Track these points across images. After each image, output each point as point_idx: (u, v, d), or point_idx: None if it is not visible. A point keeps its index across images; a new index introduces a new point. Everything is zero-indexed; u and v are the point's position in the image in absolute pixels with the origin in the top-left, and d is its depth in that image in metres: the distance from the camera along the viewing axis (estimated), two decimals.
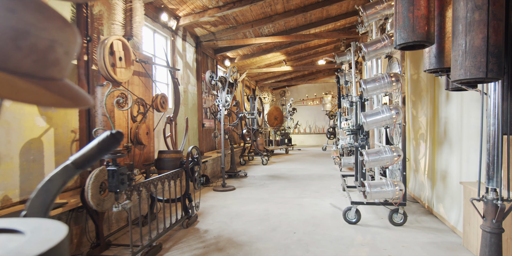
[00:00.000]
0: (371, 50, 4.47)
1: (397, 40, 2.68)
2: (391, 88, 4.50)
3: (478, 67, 2.31)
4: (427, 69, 3.02)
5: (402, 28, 2.60)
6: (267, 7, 8.13)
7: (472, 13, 2.31)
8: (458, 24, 2.38)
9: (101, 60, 3.99)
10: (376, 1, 4.57)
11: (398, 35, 2.65)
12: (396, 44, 2.70)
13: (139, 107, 4.94)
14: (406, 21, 2.58)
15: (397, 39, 2.66)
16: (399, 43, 2.65)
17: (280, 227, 5.05)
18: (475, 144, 4.12)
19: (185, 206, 5.22)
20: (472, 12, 2.30)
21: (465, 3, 2.33)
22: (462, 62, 2.33)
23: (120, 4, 4.48)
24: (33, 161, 3.80)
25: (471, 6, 2.29)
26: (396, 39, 2.69)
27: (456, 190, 4.65)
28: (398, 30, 2.63)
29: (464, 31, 2.33)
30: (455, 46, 2.41)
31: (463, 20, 2.34)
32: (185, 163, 5.15)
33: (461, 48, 2.34)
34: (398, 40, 2.65)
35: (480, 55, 2.30)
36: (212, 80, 7.95)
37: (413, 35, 2.57)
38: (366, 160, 4.57)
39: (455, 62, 2.41)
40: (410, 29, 2.57)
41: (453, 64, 2.44)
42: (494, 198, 2.57)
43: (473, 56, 2.31)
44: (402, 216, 4.88)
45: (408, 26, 2.58)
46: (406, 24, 2.58)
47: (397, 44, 2.66)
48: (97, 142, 0.99)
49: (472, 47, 2.31)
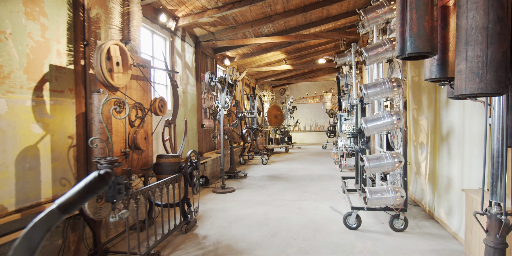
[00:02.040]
0: (372, 55, 4.40)
1: (407, 48, 2.57)
2: (392, 93, 4.44)
3: (499, 82, 2.25)
4: (428, 78, 2.95)
5: (417, 36, 2.51)
6: (267, 7, 8.04)
7: (494, 24, 2.23)
8: (477, 34, 2.28)
9: (98, 65, 3.93)
10: (377, 5, 4.49)
11: (411, 43, 2.54)
12: (405, 53, 2.59)
13: (137, 112, 4.88)
14: (422, 30, 2.50)
15: (409, 47, 2.55)
16: (412, 52, 2.55)
17: (280, 232, 5.00)
18: (477, 151, 4.06)
19: (184, 211, 5.17)
20: (494, 24, 2.23)
21: (486, 12, 2.24)
22: (483, 75, 2.26)
23: (117, 8, 4.41)
24: (29, 168, 3.74)
25: (493, 17, 2.22)
26: (406, 47, 2.58)
27: (457, 196, 4.60)
28: (411, 37, 2.53)
29: (485, 42, 2.25)
30: (471, 58, 2.31)
31: (484, 31, 2.25)
32: (184, 167, 5.10)
33: (480, 60, 2.26)
34: (411, 49, 2.54)
35: (501, 69, 2.24)
36: (211, 81, 7.88)
37: (427, 45, 2.51)
38: (366, 166, 4.51)
39: (471, 74, 2.31)
40: (425, 38, 2.50)
41: (468, 76, 2.33)
42: (498, 212, 2.52)
43: (495, 70, 2.24)
44: (403, 221, 4.84)
45: (423, 35, 2.50)
46: (422, 33, 2.50)
47: (409, 52, 2.56)
48: (84, 184, 0.93)
49: (494, 60, 2.24)
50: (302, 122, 22.39)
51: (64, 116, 4.26)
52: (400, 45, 2.62)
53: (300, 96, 22.34)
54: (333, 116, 18.56)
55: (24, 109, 3.67)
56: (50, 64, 4.04)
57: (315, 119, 22.47)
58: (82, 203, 0.95)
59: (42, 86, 3.92)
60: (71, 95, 4.37)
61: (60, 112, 4.19)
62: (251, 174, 10.39)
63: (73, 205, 0.94)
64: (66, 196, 0.94)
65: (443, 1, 2.80)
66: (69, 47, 4.37)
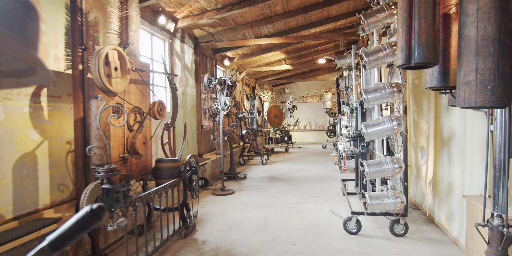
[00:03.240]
0: (373, 60, 4.36)
1: (415, 57, 2.51)
2: (393, 98, 4.40)
3: (508, 95, 2.21)
4: (429, 86, 2.92)
5: (426, 46, 2.46)
6: (267, 8, 8.00)
7: (504, 36, 2.20)
8: (489, 45, 2.23)
9: (96, 71, 3.89)
10: (377, 9, 4.44)
11: (420, 53, 2.49)
12: (412, 62, 2.53)
13: (135, 116, 4.85)
14: (430, 40, 2.46)
15: (417, 57, 2.49)
16: (420, 62, 2.51)
17: (280, 237, 4.98)
18: (479, 158, 4.03)
19: (183, 215, 5.14)
20: (505, 36, 2.20)
21: (498, 24, 2.20)
22: (494, 88, 2.22)
23: (116, 12, 4.37)
24: (27, 175, 3.72)
25: (504, 29, 2.19)
26: (413, 56, 2.51)
27: (458, 202, 4.57)
28: (420, 47, 2.48)
29: (497, 54, 2.21)
30: (482, 69, 2.26)
31: (496, 43, 2.20)
32: (183, 172, 5.07)
33: (491, 72, 2.22)
34: (419, 58, 2.49)
35: (509, 82, 2.21)
36: (210, 83, 7.84)
37: (436, 55, 2.47)
38: (367, 171, 4.48)
39: (482, 87, 2.25)
40: (433, 48, 2.46)
41: (479, 88, 2.26)
42: (499, 224, 2.49)
43: (504, 83, 2.21)
44: (404, 227, 4.82)
45: (431, 45, 2.46)
46: (430, 42, 2.46)
47: (417, 62, 2.51)
48: (75, 219, 0.90)
49: (504, 73, 2.20)
50: (302, 121, 22.35)
51: (62, 121, 4.23)
52: (406, 54, 2.55)
53: (300, 95, 22.29)
54: (333, 115, 18.53)
55: (21, 116, 3.64)
56: (48, 69, 4.00)
57: (315, 118, 22.44)
58: (74, 239, 0.92)
59: (40, 92, 3.89)
60: (69, 100, 4.34)
61: (58, 118, 4.16)
62: (250, 175, 10.36)
63: (64, 242, 0.91)
64: (57, 233, 0.91)
65: (445, 9, 2.76)
66: (67, 52, 4.33)
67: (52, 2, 4.09)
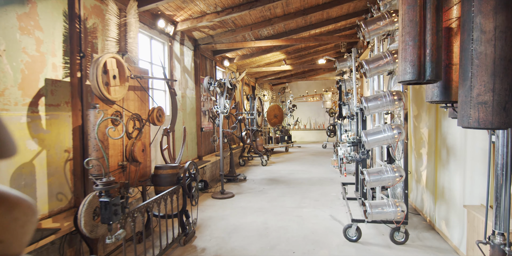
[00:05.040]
0: (373, 67, 4.32)
1: (427, 74, 2.47)
2: (393, 106, 4.37)
3: None
4: (430, 100, 2.88)
5: (437, 63, 2.43)
6: (266, 11, 7.94)
7: None
8: (507, 66, 2.17)
9: (94, 80, 3.86)
10: (378, 17, 4.40)
11: (432, 70, 2.45)
12: (423, 78, 2.49)
13: (134, 123, 4.81)
14: (440, 57, 2.42)
15: (429, 74, 2.46)
16: (431, 79, 2.47)
17: (279, 244, 4.96)
18: (480, 167, 4.00)
19: (183, 222, 5.12)
20: None
21: (509, 42, 2.16)
22: (509, 109, 2.18)
23: (114, 19, 4.33)
24: (25, 186, 3.69)
25: None
26: (425, 73, 2.48)
27: (459, 210, 4.55)
28: (432, 63, 2.44)
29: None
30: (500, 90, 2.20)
31: (510, 64, 2.17)
32: (182, 179, 5.04)
33: (507, 93, 2.17)
34: (432, 76, 2.44)
35: None
36: (210, 86, 7.80)
37: (441, 72, 2.44)
38: (367, 180, 4.46)
39: (498, 108, 2.20)
40: (440, 64, 2.43)
41: (495, 109, 2.21)
42: (501, 243, 2.47)
43: None
44: (404, 234, 4.79)
45: (440, 62, 2.43)
46: (440, 59, 2.43)
47: (428, 79, 2.48)
48: None
49: None
50: (302, 120, 22.32)
51: (60, 129, 4.20)
52: (417, 69, 2.50)
53: (300, 94, 22.24)
54: (333, 115, 18.48)
55: (19, 126, 3.61)
56: (45, 78, 3.97)
57: (315, 117, 22.40)
58: None
59: (38, 101, 3.85)
60: (67, 108, 4.31)
61: (56, 126, 4.12)
62: (250, 177, 10.33)
63: None
64: None
65: (446, 23, 2.72)
66: (65, 60, 4.30)
67: (49, 10, 4.05)
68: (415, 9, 2.49)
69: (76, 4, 4.37)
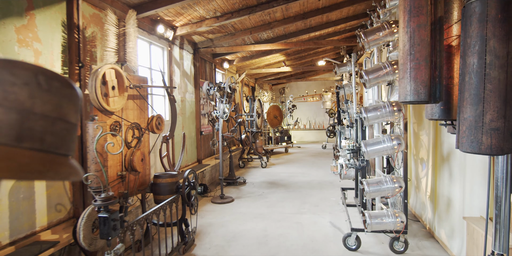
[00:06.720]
0: (372, 78, 4.30)
1: (437, 96, 2.45)
2: (393, 117, 4.36)
3: None
4: (430, 118, 2.87)
5: (443, 84, 2.41)
6: (266, 15, 7.92)
7: None
8: None
9: (93, 92, 3.84)
10: (377, 27, 4.37)
11: (441, 90, 2.43)
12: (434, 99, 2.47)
13: (133, 132, 4.80)
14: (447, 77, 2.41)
15: (439, 95, 2.43)
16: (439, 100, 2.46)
17: (279, 253, 4.95)
18: (480, 179, 3.99)
19: (182, 231, 5.11)
20: None
21: None
22: None
23: (113, 29, 4.31)
24: (23, 199, 3.68)
25: None
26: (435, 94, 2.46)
27: (458, 220, 4.54)
28: (441, 85, 2.42)
29: None
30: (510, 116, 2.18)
31: None
32: (182, 188, 5.03)
33: None
34: (440, 97, 2.44)
35: None
36: (210, 91, 7.78)
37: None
38: (366, 190, 4.45)
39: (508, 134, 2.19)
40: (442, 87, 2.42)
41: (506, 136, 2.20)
42: None
43: None
44: (403, 244, 4.79)
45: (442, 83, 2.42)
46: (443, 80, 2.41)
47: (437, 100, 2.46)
48: None
49: None
50: (302, 120, 22.30)
51: None
52: (428, 90, 2.47)
53: (300, 94, 22.22)
54: (332, 116, 18.47)
55: None
56: None
57: (314, 117, 22.38)
58: None
59: None
60: None
61: None
62: (250, 180, 10.32)
63: None
64: None
65: (447, 41, 2.71)
66: (63, 70, 4.28)
67: (48, 21, 4.02)
68: (426, 28, 2.47)
69: (74, 14, 4.34)
